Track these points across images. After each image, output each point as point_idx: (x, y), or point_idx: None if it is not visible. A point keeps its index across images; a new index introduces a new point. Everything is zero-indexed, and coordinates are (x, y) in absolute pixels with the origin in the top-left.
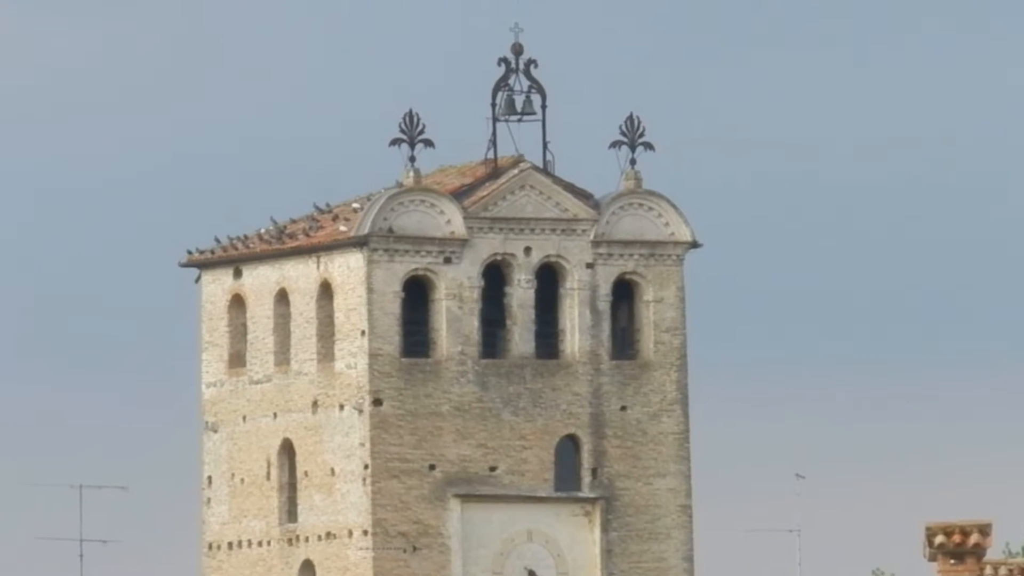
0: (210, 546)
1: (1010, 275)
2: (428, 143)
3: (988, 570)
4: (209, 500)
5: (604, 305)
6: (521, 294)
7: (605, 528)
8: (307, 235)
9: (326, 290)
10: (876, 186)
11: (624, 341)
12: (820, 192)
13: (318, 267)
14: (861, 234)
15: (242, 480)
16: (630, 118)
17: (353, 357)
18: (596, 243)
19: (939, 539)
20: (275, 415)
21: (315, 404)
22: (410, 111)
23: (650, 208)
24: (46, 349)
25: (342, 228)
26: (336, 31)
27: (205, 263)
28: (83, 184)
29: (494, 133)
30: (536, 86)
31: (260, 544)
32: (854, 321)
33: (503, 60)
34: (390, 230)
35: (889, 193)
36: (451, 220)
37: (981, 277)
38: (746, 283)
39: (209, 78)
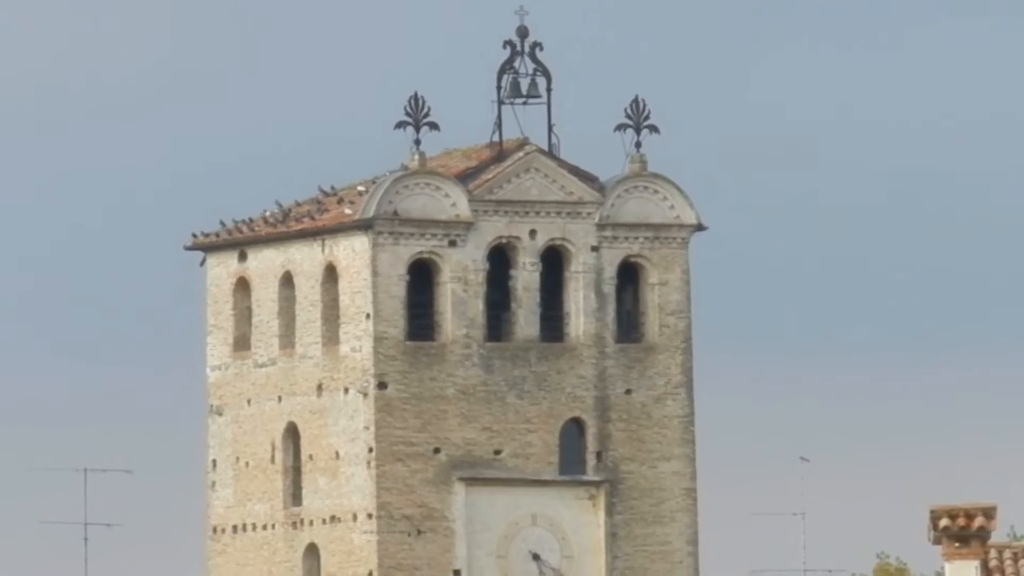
0: (215, 529)
1: (1016, 259)
2: (433, 126)
3: (993, 553)
4: (214, 483)
5: (609, 288)
6: (526, 277)
7: (610, 511)
8: (312, 218)
9: (331, 273)
10: (881, 169)
11: (629, 324)
12: (825, 175)
13: (323, 250)
14: (865, 216)
15: (247, 463)
16: (635, 101)
17: (358, 340)
18: (601, 226)
19: (944, 522)
20: (280, 398)
21: (320, 387)
22: (415, 94)
23: (655, 191)
24: (52, 333)
25: (347, 211)
26: (342, 14)
27: (210, 246)
28: (89, 167)
29: (499, 116)
30: (541, 69)
31: (264, 527)
32: (859, 304)
33: (508, 43)
34: (395, 213)
35: (894, 176)
36: (456, 203)
37: (987, 260)
38: (751, 266)
39: (213, 62)
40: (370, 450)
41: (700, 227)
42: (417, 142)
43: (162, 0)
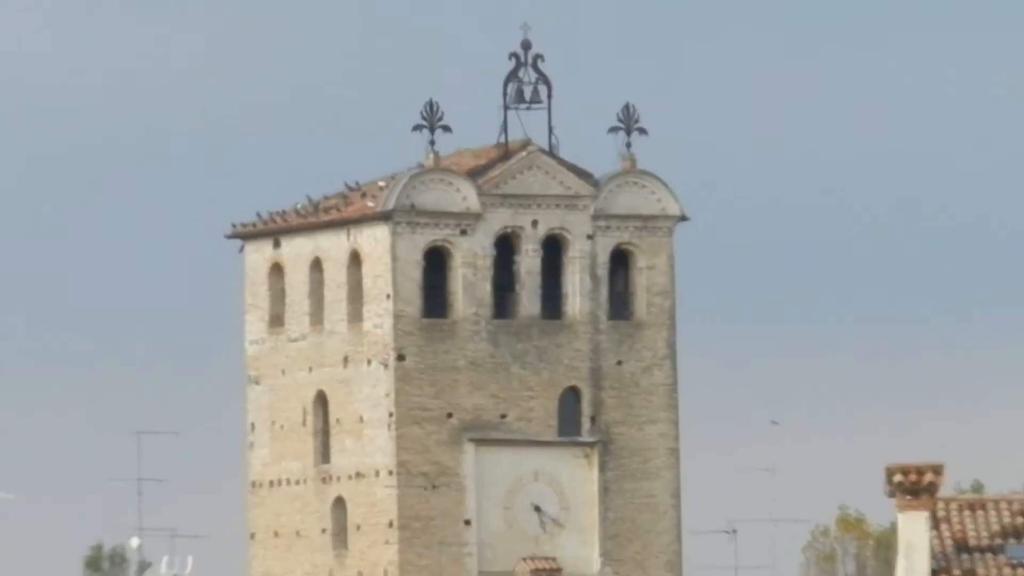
0: (253, 484)
1: (984, 239)
2: (446, 129)
3: (940, 505)
4: (252, 444)
5: (602, 272)
6: (529, 262)
7: (602, 468)
8: (338, 210)
9: (355, 259)
10: (854, 159)
11: (620, 303)
12: (796, 173)
13: (348, 238)
14: (832, 207)
15: (281, 426)
16: (626, 106)
17: (379, 318)
18: (595, 217)
19: (898, 478)
20: (310, 369)
21: (346, 359)
22: (430, 100)
23: (643, 186)
24: (113, 313)
25: (370, 204)
26: (368, 31)
27: (248, 235)
28: (138, 167)
29: (505, 120)
30: (543, 78)
31: (297, 483)
32: (823, 287)
33: (513, 55)
34: (412, 206)
35: (868, 166)
36: (467, 197)
37: (951, 246)
38: (729, 252)
39: (248, 70)
40: (390, 415)
41: (683, 218)
42: (432, 143)
43: (201, 5)
